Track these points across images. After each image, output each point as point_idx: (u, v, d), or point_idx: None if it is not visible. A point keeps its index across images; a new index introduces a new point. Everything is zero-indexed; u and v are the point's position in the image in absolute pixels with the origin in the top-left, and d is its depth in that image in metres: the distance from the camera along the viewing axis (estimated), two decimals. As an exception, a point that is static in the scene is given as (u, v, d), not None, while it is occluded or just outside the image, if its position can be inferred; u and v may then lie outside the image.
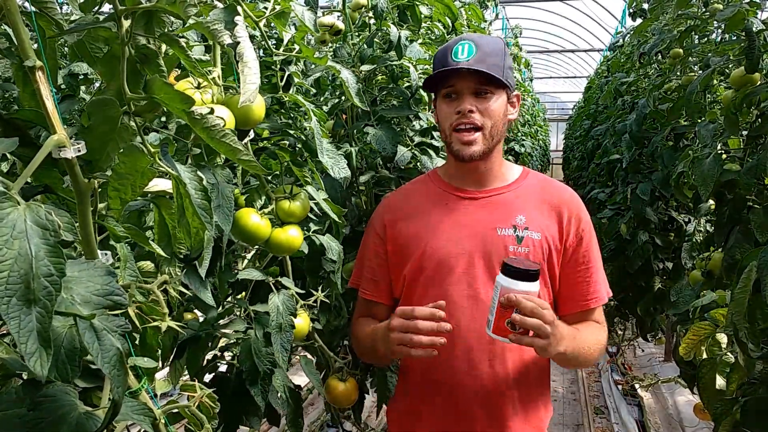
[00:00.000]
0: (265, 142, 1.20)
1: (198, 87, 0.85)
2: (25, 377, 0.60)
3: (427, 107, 1.67)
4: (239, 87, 0.78)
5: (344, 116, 1.62)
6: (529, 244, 1.21)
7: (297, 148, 1.25)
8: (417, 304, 1.25)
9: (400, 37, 1.49)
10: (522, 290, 1.02)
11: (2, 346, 0.56)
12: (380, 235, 1.32)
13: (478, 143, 1.19)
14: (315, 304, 1.26)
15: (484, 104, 1.19)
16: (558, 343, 1.04)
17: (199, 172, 0.71)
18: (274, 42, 1.12)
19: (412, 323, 1.05)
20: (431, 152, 1.58)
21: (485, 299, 1.18)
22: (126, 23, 0.65)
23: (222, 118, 0.72)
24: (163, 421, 0.69)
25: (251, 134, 1.02)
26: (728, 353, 1.37)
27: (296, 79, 1.22)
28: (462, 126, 1.19)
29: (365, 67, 1.53)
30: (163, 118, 0.98)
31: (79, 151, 0.61)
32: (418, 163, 1.58)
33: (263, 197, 1.17)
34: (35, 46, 0.61)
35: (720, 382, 1.37)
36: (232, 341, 1.17)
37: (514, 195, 1.27)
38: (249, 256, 1.31)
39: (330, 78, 1.65)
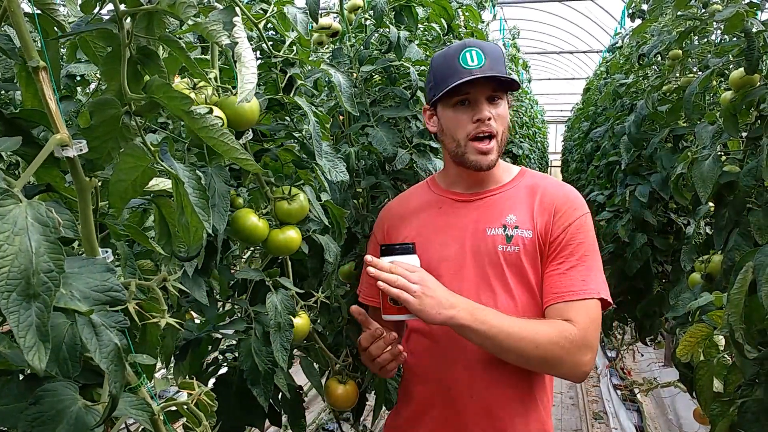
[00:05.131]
0: (271, 143, 1.20)
1: (194, 88, 0.86)
2: (27, 372, 0.60)
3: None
4: (235, 87, 0.79)
5: (341, 117, 1.62)
6: (519, 242, 1.20)
7: (299, 150, 1.25)
8: None
9: (399, 37, 1.49)
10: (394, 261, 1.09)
11: (5, 341, 0.57)
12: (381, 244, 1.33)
13: (494, 152, 1.20)
14: (315, 305, 1.26)
15: (497, 110, 1.19)
16: (442, 307, 1.06)
17: (198, 171, 0.72)
18: (272, 43, 1.12)
19: (367, 353, 1.17)
20: (429, 154, 1.59)
21: (476, 301, 1.18)
22: (127, 25, 0.66)
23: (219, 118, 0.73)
24: (161, 417, 0.69)
25: (249, 134, 1.03)
26: (725, 355, 1.37)
27: (299, 81, 1.22)
28: (482, 134, 1.18)
29: (364, 68, 1.53)
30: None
31: (81, 150, 0.62)
32: (415, 165, 1.58)
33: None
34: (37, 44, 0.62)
35: (717, 384, 1.37)
36: (233, 342, 1.17)
37: (506, 195, 1.26)
38: (251, 256, 1.32)
39: (327, 80, 1.66)
